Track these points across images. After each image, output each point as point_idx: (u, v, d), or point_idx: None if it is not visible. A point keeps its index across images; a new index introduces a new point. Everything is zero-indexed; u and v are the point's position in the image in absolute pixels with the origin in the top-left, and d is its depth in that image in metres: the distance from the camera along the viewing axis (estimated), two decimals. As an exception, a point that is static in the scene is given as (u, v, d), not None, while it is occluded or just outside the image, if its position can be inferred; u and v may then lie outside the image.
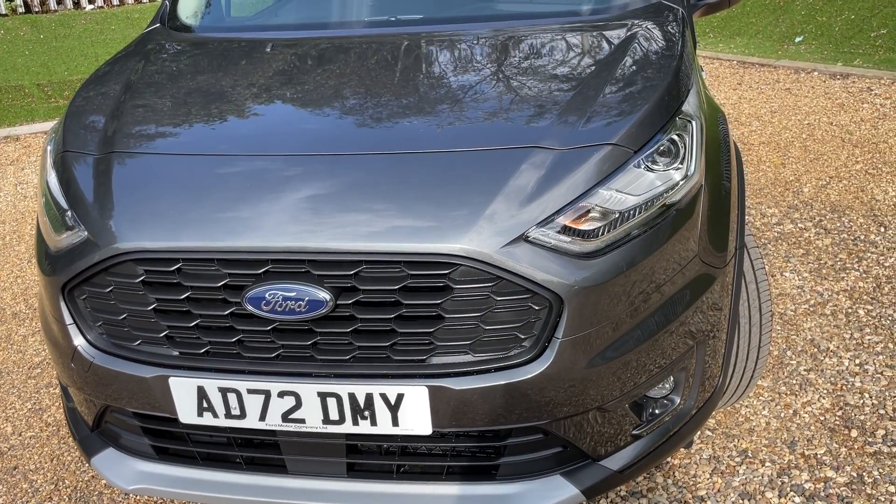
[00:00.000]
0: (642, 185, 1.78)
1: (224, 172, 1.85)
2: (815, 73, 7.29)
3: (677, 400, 1.93)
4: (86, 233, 1.83)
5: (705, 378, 1.98)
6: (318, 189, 1.76)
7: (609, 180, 1.74)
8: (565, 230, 1.69)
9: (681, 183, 1.83)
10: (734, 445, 2.48)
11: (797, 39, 8.50)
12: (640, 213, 1.75)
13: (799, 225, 4.03)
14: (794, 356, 2.90)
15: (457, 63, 2.29)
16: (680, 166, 1.85)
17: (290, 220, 1.71)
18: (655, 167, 1.81)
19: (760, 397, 2.68)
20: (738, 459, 2.42)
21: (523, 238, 1.65)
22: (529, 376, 1.68)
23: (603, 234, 1.71)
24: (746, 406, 2.64)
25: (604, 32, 2.36)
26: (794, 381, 2.76)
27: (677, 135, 1.89)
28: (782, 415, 2.60)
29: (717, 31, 9.34)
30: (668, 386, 1.94)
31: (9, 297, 3.89)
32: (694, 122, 1.95)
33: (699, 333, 1.91)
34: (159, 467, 1.98)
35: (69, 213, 1.92)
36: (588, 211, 1.71)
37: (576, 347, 1.69)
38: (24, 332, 3.54)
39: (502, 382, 1.69)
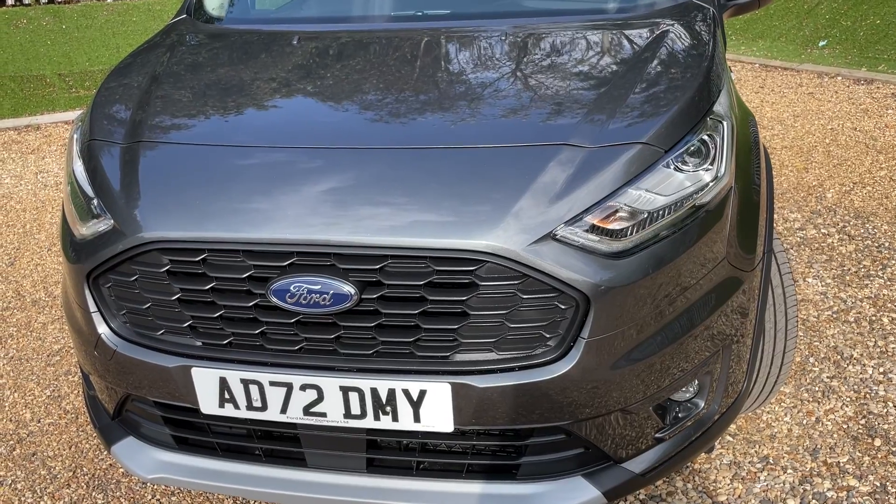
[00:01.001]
0: (672, 185, 1.76)
1: (250, 164, 1.85)
2: (839, 78, 7.21)
3: (701, 404, 1.91)
4: (112, 221, 1.83)
5: (730, 383, 1.96)
6: (344, 182, 1.75)
7: (638, 180, 1.72)
8: (593, 229, 1.67)
9: (711, 184, 1.81)
10: (755, 451, 2.45)
11: (821, 43, 8.42)
12: (668, 213, 1.73)
13: (822, 230, 3.98)
14: (816, 363, 2.87)
15: (484, 59, 2.27)
16: (710, 167, 1.83)
17: (315, 213, 1.70)
18: (685, 168, 1.79)
19: (782, 403, 2.65)
20: (759, 465, 2.39)
21: (551, 236, 1.64)
22: (554, 376, 1.67)
23: (631, 234, 1.69)
24: (768, 412, 2.61)
25: (634, 31, 2.34)
26: (817, 388, 2.72)
27: (708, 135, 1.86)
28: (804, 422, 2.57)
29: (739, 34, 9.27)
30: (692, 389, 1.92)
31: (29, 284, 3.91)
32: (725, 123, 1.93)
33: (725, 337, 1.89)
34: (179, 457, 1.98)
35: (95, 201, 1.92)
36: (617, 210, 1.69)
37: (601, 348, 1.67)
38: (43, 319, 3.56)
39: (526, 381, 1.67)
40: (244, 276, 1.72)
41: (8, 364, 3.21)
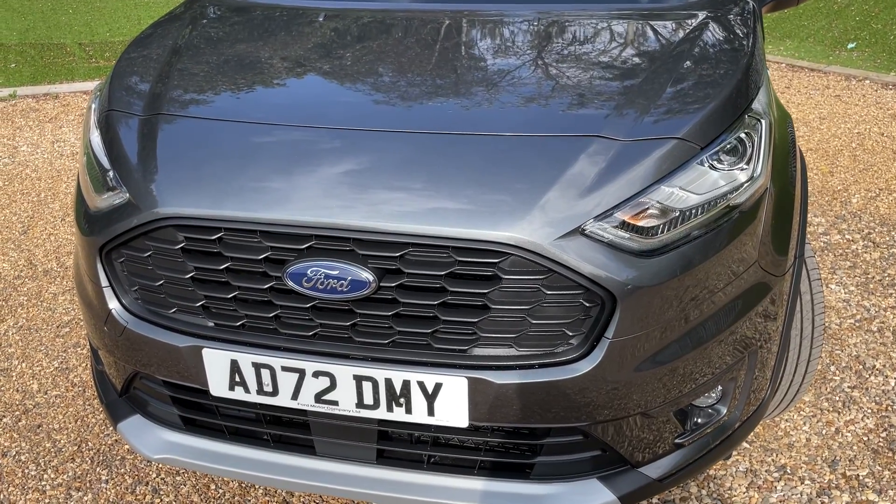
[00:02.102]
0: (706, 183, 1.70)
1: (271, 142, 1.80)
2: (867, 82, 7.08)
3: (723, 410, 1.85)
4: (127, 195, 1.79)
5: (753, 390, 1.90)
6: (367, 165, 1.70)
7: (672, 177, 1.66)
8: (623, 226, 1.61)
9: (746, 185, 1.74)
10: (772, 460, 2.39)
11: (850, 45, 8.28)
12: (701, 213, 1.67)
13: (846, 236, 3.90)
14: (837, 372, 2.80)
15: (513, 44, 2.21)
16: (746, 167, 1.76)
17: (336, 196, 1.65)
18: (720, 166, 1.73)
19: (801, 412, 2.59)
20: (776, 475, 2.33)
21: (579, 231, 1.58)
22: (575, 375, 1.61)
23: (662, 232, 1.63)
24: (787, 420, 2.56)
25: (670, 21, 2.27)
26: (838, 398, 2.66)
27: (745, 133, 1.80)
28: (824, 432, 2.51)
29: (766, 32, 9.12)
30: (714, 395, 1.86)
31: (41, 254, 3.89)
32: (763, 122, 1.86)
33: (751, 343, 1.83)
34: (186, 438, 1.95)
35: (111, 173, 1.88)
36: (648, 207, 1.63)
37: (625, 349, 1.62)
38: (54, 290, 3.53)
39: (546, 380, 1.62)
40: (260, 257, 1.67)
41: (17, 334, 3.19)
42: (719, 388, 1.85)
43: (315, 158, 1.72)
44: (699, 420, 1.85)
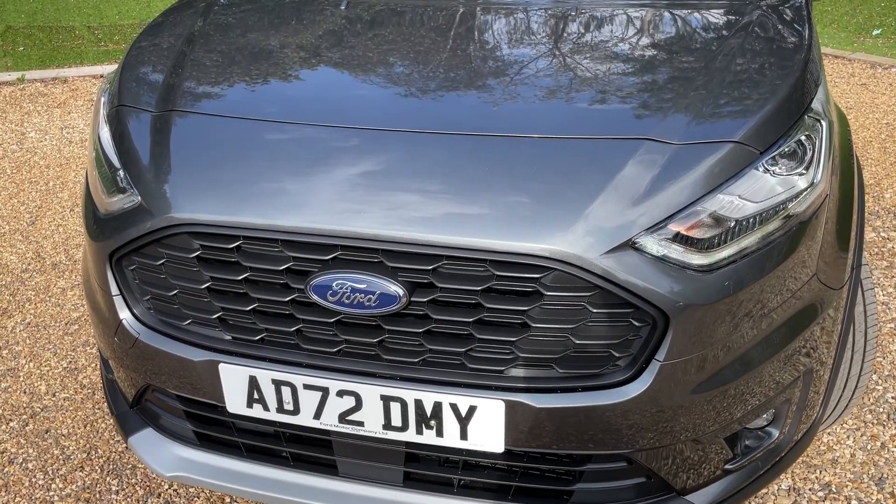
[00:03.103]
0: (763, 190, 1.56)
1: (294, 143, 1.67)
2: (894, 70, 6.88)
3: (776, 433, 1.73)
4: (138, 197, 1.67)
5: (806, 409, 1.78)
6: (398, 169, 1.57)
7: (730, 184, 1.52)
8: (678, 238, 1.48)
9: (806, 192, 1.61)
10: (816, 477, 2.27)
11: (875, 32, 8.06)
12: (759, 223, 1.54)
13: (881, 234, 3.75)
14: (880, 381, 2.67)
15: (554, 38, 2.06)
16: (804, 172, 1.63)
17: (365, 204, 1.52)
18: (778, 171, 1.59)
19: (844, 425, 2.46)
20: (820, 494, 2.21)
21: (629, 244, 1.45)
22: (622, 400, 1.49)
23: (718, 245, 1.50)
24: (829, 434, 2.43)
25: (721, 11, 2.12)
26: (881, 410, 2.53)
27: (805, 136, 1.66)
28: (869, 446, 2.38)
29: (789, 18, 8.90)
30: (767, 417, 1.73)
31: (49, 246, 3.78)
32: (823, 123, 1.72)
33: (808, 361, 1.70)
34: (200, 455, 1.84)
35: (121, 172, 1.76)
36: (704, 218, 1.50)
37: (677, 372, 1.49)
38: (63, 284, 3.43)
39: (590, 404, 1.50)
40: (282, 268, 1.55)
41: (25, 331, 3.09)
42: (772, 409, 1.72)
43: (342, 161, 1.60)
44: (749, 444, 1.73)
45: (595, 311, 1.46)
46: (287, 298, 1.57)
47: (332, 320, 1.56)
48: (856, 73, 6.85)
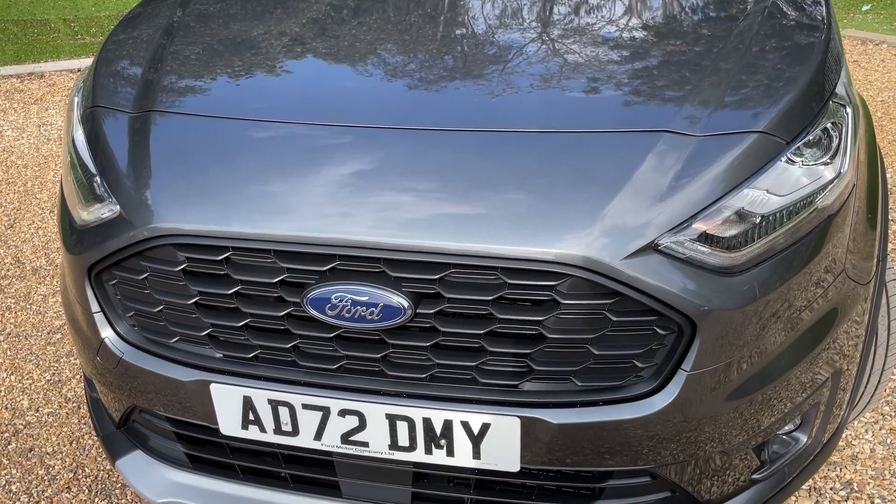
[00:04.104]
0: (788, 183, 1.46)
1: (287, 144, 1.54)
2: (885, 46, 6.80)
3: (803, 439, 1.64)
4: (117, 207, 1.54)
5: (833, 411, 1.68)
6: (399, 171, 1.45)
7: (756, 177, 1.42)
8: (704, 238, 1.37)
9: (834, 182, 1.50)
10: (836, 475, 2.18)
11: (864, 8, 7.99)
12: (788, 218, 1.43)
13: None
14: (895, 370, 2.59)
15: (561, 23, 1.94)
16: (830, 161, 1.52)
17: (364, 209, 1.40)
18: (803, 162, 1.49)
19: (862, 418, 2.38)
20: (842, 493, 2.13)
21: (652, 246, 1.34)
22: (646, 413, 1.39)
23: (748, 243, 1.40)
24: (847, 428, 2.34)
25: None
26: (899, 401, 2.45)
27: (832, 123, 1.55)
28: (889, 441, 2.30)
29: (778, -5, 8.78)
30: (795, 422, 1.64)
31: (29, 250, 3.64)
32: (848, 109, 1.62)
33: (837, 361, 1.60)
34: (193, 478, 1.73)
35: (98, 179, 1.63)
36: (731, 215, 1.39)
37: (705, 382, 1.39)
38: (44, 290, 3.29)
39: (612, 419, 1.39)
40: (275, 280, 1.43)
41: (5, 341, 2.96)
42: (800, 414, 1.63)
43: (338, 163, 1.48)
44: (777, 451, 1.63)
45: (616, 319, 1.35)
46: (282, 313, 1.46)
47: (332, 335, 1.45)
48: (847, 51, 6.76)
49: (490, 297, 1.36)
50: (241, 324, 1.49)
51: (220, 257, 1.45)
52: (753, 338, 1.41)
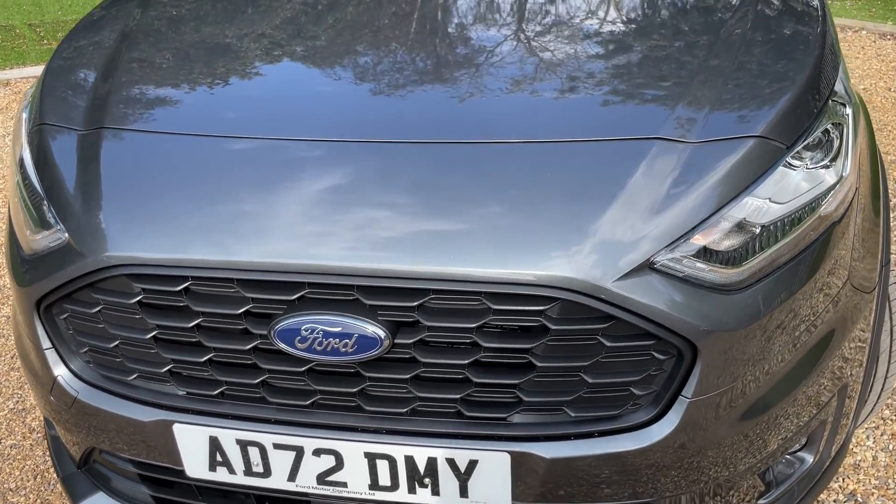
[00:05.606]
0: (788, 190, 1.36)
1: (250, 162, 1.42)
2: (864, 32, 6.75)
3: (809, 459, 1.55)
4: (65, 234, 1.42)
5: (840, 425, 1.59)
6: (373, 190, 1.34)
7: (757, 185, 1.32)
8: (703, 255, 1.27)
9: (836, 187, 1.41)
10: (839, 486, 2.10)
11: (843, -6, 7.94)
12: (790, 228, 1.34)
13: (875, 208, 3.59)
14: None
15: (546, 26, 1.82)
16: (831, 164, 1.43)
17: (335, 232, 1.29)
18: (804, 166, 1.39)
19: (863, 424, 2.30)
20: (847, 505, 2.04)
21: (648, 265, 1.24)
22: (646, 444, 1.29)
23: (748, 258, 1.29)
24: (848, 435, 2.26)
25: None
26: (899, 404, 2.37)
27: (832, 124, 1.46)
28: (891, 447, 2.22)
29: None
30: (800, 442, 1.55)
31: (-8, 268, 3.48)
32: (849, 108, 1.52)
33: (843, 375, 1.51)
34: (161, 522, 1.61)
35: (46, 203, 1.50)
36: (731, 228, 1.29)
37: (707, 409, 1.29)
38: (7, 311, 3.14)
39: (609, 451, 1.29)
40: (239, 311, 1.31)
41: (-34, 368, 2.81)
42: (806, 433, 1.53)
43: (306, 183, 1.36)
44: (783, 473, 1.54)
45: (611, 344, 1.25)
46: (248, 346, 1.34)
47: (303, 368, 1.34)
48: (827, 38, 6.72)
49: (474, 325, 1.25)
50: (203, 359, 1.37)
51: (178, 287, 1.33)
52: (758, 358, 1.31)
